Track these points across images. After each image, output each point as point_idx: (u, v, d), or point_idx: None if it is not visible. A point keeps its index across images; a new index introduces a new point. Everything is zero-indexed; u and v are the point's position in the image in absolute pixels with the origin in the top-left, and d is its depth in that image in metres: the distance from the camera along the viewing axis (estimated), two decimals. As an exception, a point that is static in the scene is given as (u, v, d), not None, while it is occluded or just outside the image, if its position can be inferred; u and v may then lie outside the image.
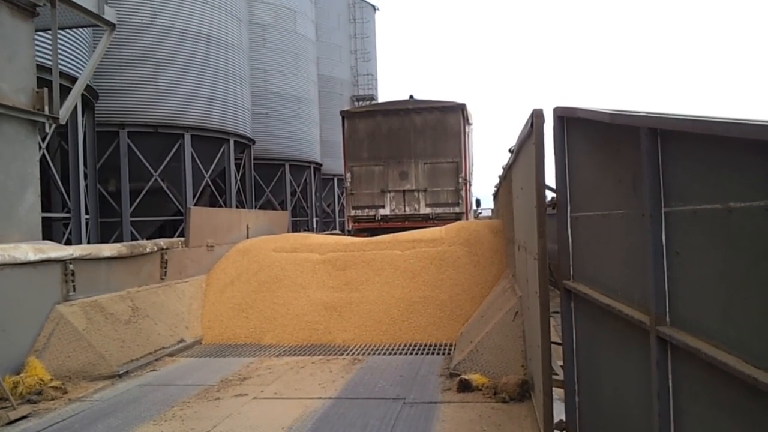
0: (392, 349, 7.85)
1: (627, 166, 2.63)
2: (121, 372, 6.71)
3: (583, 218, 3.47)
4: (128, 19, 15.15)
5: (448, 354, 7.40)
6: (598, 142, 3.16)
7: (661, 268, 2.26)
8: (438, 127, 15.64)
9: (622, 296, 2.77)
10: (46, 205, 11.39)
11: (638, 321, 2.46)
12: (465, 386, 5.71)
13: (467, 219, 15.87)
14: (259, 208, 21.58)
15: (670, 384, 2.22)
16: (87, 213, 12.89)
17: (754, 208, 1.64)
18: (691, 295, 2.09)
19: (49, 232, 11.36)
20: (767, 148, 1.56)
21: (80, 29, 11.94)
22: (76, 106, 11.31)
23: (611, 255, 2.97)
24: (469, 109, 16.91)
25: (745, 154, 1.69)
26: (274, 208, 22.89)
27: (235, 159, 18.87)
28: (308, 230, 25.49)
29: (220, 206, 18.34)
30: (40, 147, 8.31)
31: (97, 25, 9.75)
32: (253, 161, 20.93)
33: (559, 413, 4.00)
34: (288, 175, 24.68)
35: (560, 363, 4.33)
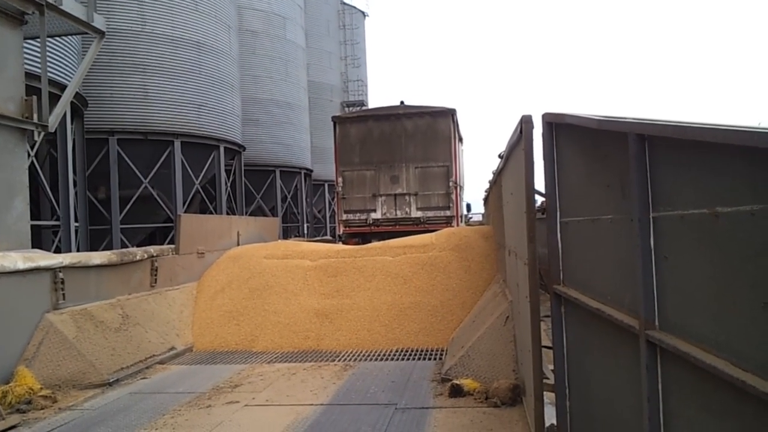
0: (384, 355, 7.84)
1: (615, 172, 2.65)
2: (111, 380, 6.66)
3: (572, 223, 3.49)
4: (118, 27, 15.11)
5: (440, 359, 7.40)
6: (586, 147, 3.19)
7: (650, 272, 2.28)
8: (428, 131, 15.70)
9: (611, 300, 2.79)
10: (35, 213, 11.32)
11: (628, 325, 2.48)
12: (456, 391, 5.71)
13: (458, 222, 15.93)
14: (250, 215, 21.54)
15: (660, 387, 2.24)
16: (76, 221, 12.81)
17: (741, 213, 1.66)
18: (679, 299, 2.11)
19: (38, 240, 11.29)
20: (752, 153, 1.58)
21: (69, 37, 11.90)
22: (65, 114, 11.26)
23: (600, 259, 2.99)
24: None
25: (731, 160, 1.72)
26: (264, 215, 22.84)
27: (226, 165, 18.84)
28: (299, 236, 25.44)
29: (211, 213, 18.28)
30: (28, 155, 8.26)
31: (87, 33, 9.73)
32: (243, 168, 20.90)
33: (550, 417, 4.01)
34: (279, 182, 24.65)
35: (551, 367, 4.35)
